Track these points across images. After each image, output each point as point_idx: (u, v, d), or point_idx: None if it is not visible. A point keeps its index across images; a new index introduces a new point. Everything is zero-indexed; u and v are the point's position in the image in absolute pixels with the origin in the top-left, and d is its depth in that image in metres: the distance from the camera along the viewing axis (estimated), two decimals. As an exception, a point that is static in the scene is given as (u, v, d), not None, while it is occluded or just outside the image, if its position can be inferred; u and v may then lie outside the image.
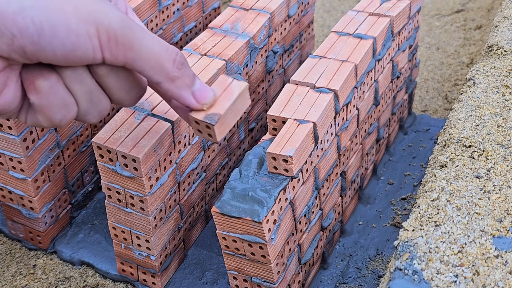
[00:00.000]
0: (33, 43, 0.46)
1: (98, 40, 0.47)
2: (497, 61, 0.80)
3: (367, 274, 0.79)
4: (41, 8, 0.45)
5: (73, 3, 0.47)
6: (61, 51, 0.47)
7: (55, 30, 0.46)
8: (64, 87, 0.50)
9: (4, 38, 0.45)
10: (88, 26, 0.47)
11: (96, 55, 0.48)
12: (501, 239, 0.58)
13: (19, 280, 0.80)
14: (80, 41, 0.47)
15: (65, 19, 0.46)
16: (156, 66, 0.50)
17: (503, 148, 0.67)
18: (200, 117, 0.54)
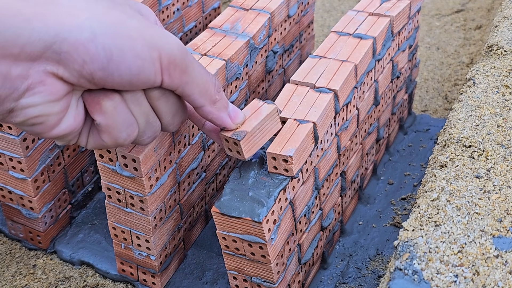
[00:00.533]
0: (103, 69, 0.48)
1: (160, 64, 0.50)
2: (497, 61, 0.80)
3: (367, 274, 0.79)
4: (111, 35, 0.48)
5: (137, 30, 0.49)
6: (127, 75, 0.49)
7: (123, 55, 0.48)
8: (127, 107, 0.52)
9: (75, 65, 0.47)
10: (152, 51, 0.49)
11: (156, 79, 0.51)
12: (501, 239, 0.58)
13: (19, 280, 0.80)
14: (145, 65, 0.49)
15: (132, 45, 0.48)
16: (203, 90, 0.54)
17: (503, 148, 0.67)
18: (229, 134, 0.60)
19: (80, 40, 0.47)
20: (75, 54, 0.47)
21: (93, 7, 0.48)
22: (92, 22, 0.47)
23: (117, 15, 0.49)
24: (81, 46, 0.47)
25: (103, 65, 0.48)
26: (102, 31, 0.47)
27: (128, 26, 0.49)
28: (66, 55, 0.47)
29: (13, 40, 0.45)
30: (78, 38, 0.46)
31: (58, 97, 0.49)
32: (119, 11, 0.49)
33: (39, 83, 0.47)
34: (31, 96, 0.47)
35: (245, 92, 0.85)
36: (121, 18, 0.49)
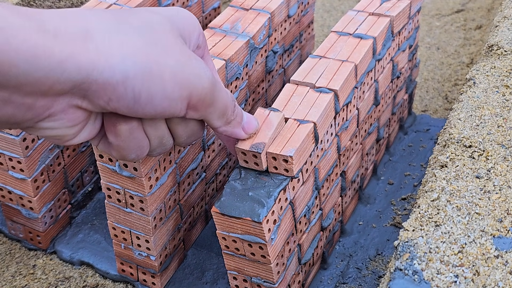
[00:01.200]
0: (128, 107, 0.48)
1: (188, 102, 0.51)
2: (497, 61, 0.80)
3: (367, 274, 0.79)
4: (143, 77, 0.47)
5: (172, 71, 0.49)
6: (151, 113, 0.50)
7: (152, 98, 0.48)
8: (143, 131, 0.53)
9: (101, 101, 0.47)
10: (182, 91, 0.50)
11: (181, 113, 0.52)
12: (501, 239, 0.58)
13: (18, 280, 0.80)
14: (172, 105, 0.50)
15: (162, 87, 0.48)
16: (221, 114, 0.56)
17: (503, 148, 0.67)
18: (247, 147, 0.62)
19: (111, 82, 0.46)
20: (102, 92, 0.47)
21: (130, 44, 0.47)
22: (125, 64, 0.46)
23: (153, 55, 0.48)
24: (110, 86, 0.46)
25: (129, 105, 0.48)
26: (134, 74, 0.47)
27: (162, 67, 0.48)
28: (93, 93, 0.47)
29: (43, 80, 0.44)
30: (108, 80, 0.46)
31: (77, 123, 0.49)
32: (158, 48, 0.49)
33: (61, 112, 0.47)
34: (51, 121, 0.48)
35: (245, 92, 0.85)
36: (157, 58, 0.48)
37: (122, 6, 0.86)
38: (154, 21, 0.51)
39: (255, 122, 0.63)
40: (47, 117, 0.47)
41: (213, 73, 0.55)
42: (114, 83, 0.46)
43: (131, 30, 0.48)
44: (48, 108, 0.46)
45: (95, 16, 0.47)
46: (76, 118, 0.49)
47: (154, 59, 0.48)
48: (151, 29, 0.50)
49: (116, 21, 0.48)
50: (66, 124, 0.48)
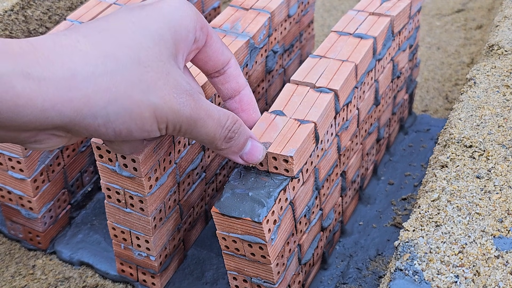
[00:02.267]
0: (108, 141, 0.53)
1: (166, 130, 0.54)
2: (498, 61, 0.80)
3: (368, 275, 0.79)
4: (123, 119, 0.50)
5: (151, 108, 0.51)
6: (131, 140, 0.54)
7: (131, 133, 0.51)
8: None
9: (83, 135, 0.51)
10: (160, 124, 0.52)
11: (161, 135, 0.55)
12: (502, 239, 0.58)
13: (18, 281, 0.80)
14: (151, 134, 0.53)
15: (141, 124, 0.51)
16: (207, 143, 0.58)
17: (503, 148, 0.67)
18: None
19: (92, 125, 0.49)
20: (84, 131, 0.49)
21: (113, 90, 0.49)
22: (107, 110, 0.48)
23: (135, 97, 0.50)
24: (92, 128, 0.49)
25: (109, 139, 0.52)
26: (115, 117, 0.49)
27: (143, 107, 0.50)
28: (76, 131, 0.49)
29: (26, 124, 0.46)
30: (90, 124, 0.49)
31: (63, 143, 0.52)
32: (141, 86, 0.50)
33: (46, 139, 0.50)
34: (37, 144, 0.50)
35: (245, 92, 0.85)
36: (139, 98, 0.50)
37: (121, 6, 0.86)
38: (142, 49, 0.51)
39: (259, 154, 0.62)
40: (33, 142, 0.50)
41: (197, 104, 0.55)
42: (95, 126, 0.49)
43: (117, 69, 0.49)
44: (32, 137, 0.49)
45: (82, 56, 0.48)
46: (61, 141, 0.51)
47: (136, 100, 0.50)
48: (137, 62, 0.50)
49: (103, 58, 0.48)
50: (52, 145, 0.51)
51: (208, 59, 0.60)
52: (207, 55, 0.60)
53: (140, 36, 0.51)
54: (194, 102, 0.54)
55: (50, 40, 0.47)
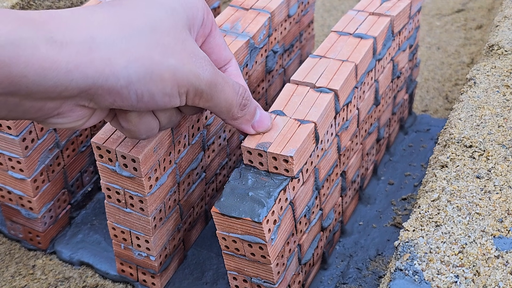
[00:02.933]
0: (132, 106, 0.52)
1: (186, 96, 0.54)
2: (498, 61, 0.80)
3: (368, 275, 0.79)
4: (144, 80, 0.51)
5: (171, 70, 0.52)
6: (154, 108, 0.54)
7: (153, 96, 0.52)
8: (152, 115, 0.57)
9: (106, 102, 0.51)
10: (180, 88, 0.53)
11: (182, 104, 0.55)
12: (502, 239, 0.58)
13: (18, 281, 0.80)
14: (172, 100, 0.53)
15: (162, 87, 0.52)
16: (225, 111, 0.59)
17: (503, 148, 0.67)
18: (253, 146, 0.63)
19: (115, 87, 0.50)
20: (107, 96, 0.50)
21: (132, 51, 0.50)
22: (128, 71, 0.49)
23: (154, 58, 0.51)
24: (115, 91, 0.50)
25: (132, 104, 0.52)
26: (137, 78, 0.50)
27: (163, 69, 0.51)
28: (99, 96, 0.50)
29: (52, 89, 0.47)
30: (113, 85, 0.49)
31: (84, 118, 0.53)
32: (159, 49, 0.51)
33: (69, 111, 0.51)
34: (60, 118, 0.51)
35: (245, 92, 0.85)
36: (158, 60, 0.51)
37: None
38: (157, 18, 0.52)
39: (268, 122, 0.64)
40: (56, 115, 0.50)
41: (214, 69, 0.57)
42: (118, 88, 0.50)
43: (134, 33, 0.50)
44: (56, 109, 0.50)
45: (99, 23, 0.50)
46: (83, 115, 0.52)
47: (156, 61, 0.51)
48: (153, 29, 0.52)
49: (119, 25, 0.50)
50: (73, 120, 0.52)
51: (211, 51, 0.62)
52: (210, 47, 0.62)
53: (154, 9, 0.53)
54: (212, 67, 0.55)
55: (68, 11, 0.50)
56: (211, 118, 0.77)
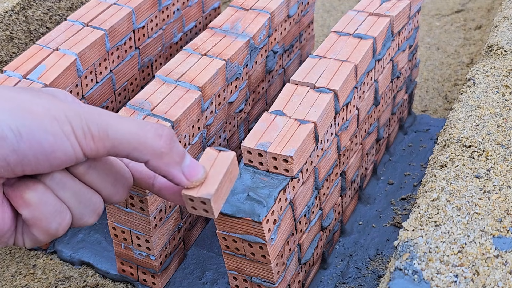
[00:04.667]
0: (14, 150, 0.45)
1: (75, 137, 0.46)
2: (497, 61, 0.80)
3: (367, 274, 0.79)
4: (15, 115, 0.44)
5: (43, 106, 0.46)
6: (42, 154, 0.46)
7: (33, 133, 0.45)
8: (53, 195, 0.48)
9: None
10: (62, 125, 0.46)
11: (77, 154, 0.47)
12: (501, 239, 0.58)
13: (19, 280, 0.80)
14: (58, 142, 0.46)
15: (39, 121, 0.45)
16: (138, 145, 0.49)
17: (503, 148, 0.67)
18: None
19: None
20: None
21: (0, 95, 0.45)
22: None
23: (23, 97, 0.46)
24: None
25: (14, 147, 0.44)
26: (8, 114, 0.44)
27: (34, 105, 0.45)
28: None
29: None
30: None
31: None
32: (28, 94, 0.46)
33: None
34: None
35: (245, 92, 0.85)
36: (28, 98, 0.46)
37: (122, 6, 0.86)
38: (32, 87, 0.49)
39: (201, 170, 0.52)
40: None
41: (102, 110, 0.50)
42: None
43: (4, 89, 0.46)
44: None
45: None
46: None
47: (25, 99, 0.46)
48: (20, 88, 0.48)
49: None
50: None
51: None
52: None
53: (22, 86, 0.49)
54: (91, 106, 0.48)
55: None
56: (211, 118, 0.78)
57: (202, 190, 0.53)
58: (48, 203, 0.48)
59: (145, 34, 0.91)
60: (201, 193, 0.53)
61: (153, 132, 0.49)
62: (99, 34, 0.82)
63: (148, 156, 0.49)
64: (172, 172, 0.51)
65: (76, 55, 0.79)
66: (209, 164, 0.55)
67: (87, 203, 0.50)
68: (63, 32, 0.82)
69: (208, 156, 0.55)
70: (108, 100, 0.87)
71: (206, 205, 0.53)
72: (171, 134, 0.50)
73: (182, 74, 0.75)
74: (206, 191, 0.53)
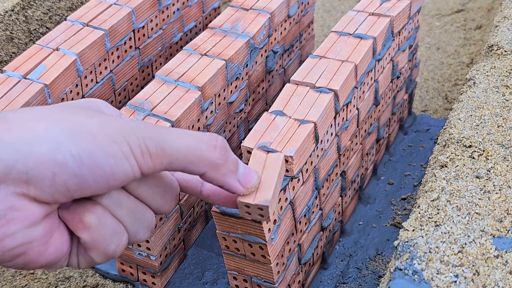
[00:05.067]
0: (76, 176, 0.44)
1: (134, 157, 0.46)
2: (497, 61, 0.80)
3: (367, 274, 0.79)
4: (74, 138, 0.44)
5: (98, 126, 0.45)
6: (102, 177, 0.45)
7: (93, 158, 0.44)
8: (111, 216, 0.48)
9: (46, 180, 0.43)
10: (120, 146, 0.45)
11: (135, 173, 0.46)
12: (501, 239, 0.58)
13: (18, 280, 0.80)
14: (118, 163, 0.45)
15: (98, 144, 0.45)
16: (195, 159, 0.48)
17: (503, 148, 0.67)
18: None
19: (44, 152, 0.43)
20: (42, 168, 0.43)
21: (47, 116, 0.45)
22: (52, 131, 0.43)
23: (76, 119, 0.45)
24: (47, 158, 0.43)
25: (75, 172, 0.44)
26: (65, 138, 0.44)
27: (89, 125, 0.45)
28: (33, 172, 0.43)
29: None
30: (42, 151, 0.43)
31: (36, 221, 0.45)
32: (79, 114, 0.46)
33: (10, 209, 0.43)
34: (4, 225, 0.43)
35: (245, 92, 0.85)
36: (81, 119, 0.45)
37: (122, 6, 0.86)
38: (70, 102, 0.49)
39: (255, 175, 0.53)
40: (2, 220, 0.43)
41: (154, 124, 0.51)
42: (48, 152, 0.43)
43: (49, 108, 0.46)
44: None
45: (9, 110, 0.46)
46: (31, 214, 0.44)
47: (79, 121, 0.45)
48: (68, 105, 0.48)
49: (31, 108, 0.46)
50: (23, 224, 0.44)
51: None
52: None
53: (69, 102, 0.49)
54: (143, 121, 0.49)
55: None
56: (211, 118, 0.78)
57: (259, 196, 0.53)
58: (107, 225, 0.48)
59: (145, 34, 0.91)
60: (258, 200, 0.53)
61: (207, 144, 0.49)
62: (99, 34, 0.82)
63: (205, 169, 0.49)
64: (228, 182, 0.51)
65: (76, 55, 0.79)
66: (260, 167, 0.55)
67: (141, 219, 0.50)
68: (63, 32, 0.82)
69: (257, 159, 0.55)
70: (108, 100, 0.87)
71: (263, 210, 0.54)
72: (225, 143, 0.50)
73: (182, 74, 0.75)
74: (263, 197, 0.53)
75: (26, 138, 0.43)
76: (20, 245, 0.44)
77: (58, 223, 0.47)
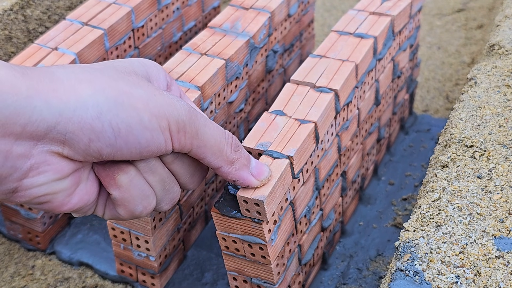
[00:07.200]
0: (110, 145, 0.47)
1: (169, 132, 0.49)
2: (499, 61, 0.80)
3: (368, 275, 0.79)
4: (117, 109, 0.46)
5: (143, 100, 0.47)
6: (136, 148, 0.48)
7: (131, 130, 0.47)
8: (143, 179, 0.51)
9: (81, 144, 0.46)
10: (160, 120, 0.48)
11: (167, 147, 0.49)
12: (503, 239, 0.58)
13: (17, 281, 0.79)
14: (154, 136, 0.48)
15: (138, 117, 0.47)
16: (217, 151, 0.52)
17: (504, 148, 0.67)
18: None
19: (86, 119, 0.45)
20: (80, 133, 0.45)
21: (96, 81, 0.46)
22: (97, 98, 0.45)
23: (121, 87, 0.47)
24: (87, 125, 0.45)
25: (110, 142, 0.46)
26: (107, 107, 0.46)
27: (133, 97, 0.47)
28: (71, 135, 0.45)
29: (14, 118, 0.42)
30: (83, 117, 0.45)
31: (64, 175, 0.47)
32: (124, 81, 0.48)
33: (43, 162, 0.45)
34: (35, 176, 0.45)
35: (245, 91, 0.85)
36: (126, 89, 0.47)
37: (121, 5, 0.86)
38: (115, 64, 0.50)
39: (267, 168, 0.57)
40: (29, 170, 0.45)
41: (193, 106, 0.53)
42: (89, 119, 0.45)
43: (95, 71, 0.47)
44: (27, 157, 0.44)
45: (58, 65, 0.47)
46: (61, 169, 0.47)
47: (123, 90, 0.47)
48: (114, 69, 0.49)
49: (79, 66, 0.48)
50: (52, 177, 0.46)
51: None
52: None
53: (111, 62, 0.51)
54: (186, 103, 0.51)
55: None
56: (211, 118, 0.77)
57: (256, 192, 0.57)
58: (138, 187, 0.51)
59: (145, 33, 0.90)
60: (255, 195, 0.57)
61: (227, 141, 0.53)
62: (98, 33, 0.82)
63: (222, 163, 0.53)
64: (242, 176, 0.55)
65: (75, 55, 0.78)
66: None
67: (169, 191, 0.53)
68: (62, 32, 0.81)
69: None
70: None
71: (259, 207, 0.57)
72: (236, 139, 0.54)
73: (181, 74, 0.74)
74: (260, 193, 0.57)
75: (71, 103, 0.44)
76: (45, 194, 0.47)
77: (86, 176, 0.50)
